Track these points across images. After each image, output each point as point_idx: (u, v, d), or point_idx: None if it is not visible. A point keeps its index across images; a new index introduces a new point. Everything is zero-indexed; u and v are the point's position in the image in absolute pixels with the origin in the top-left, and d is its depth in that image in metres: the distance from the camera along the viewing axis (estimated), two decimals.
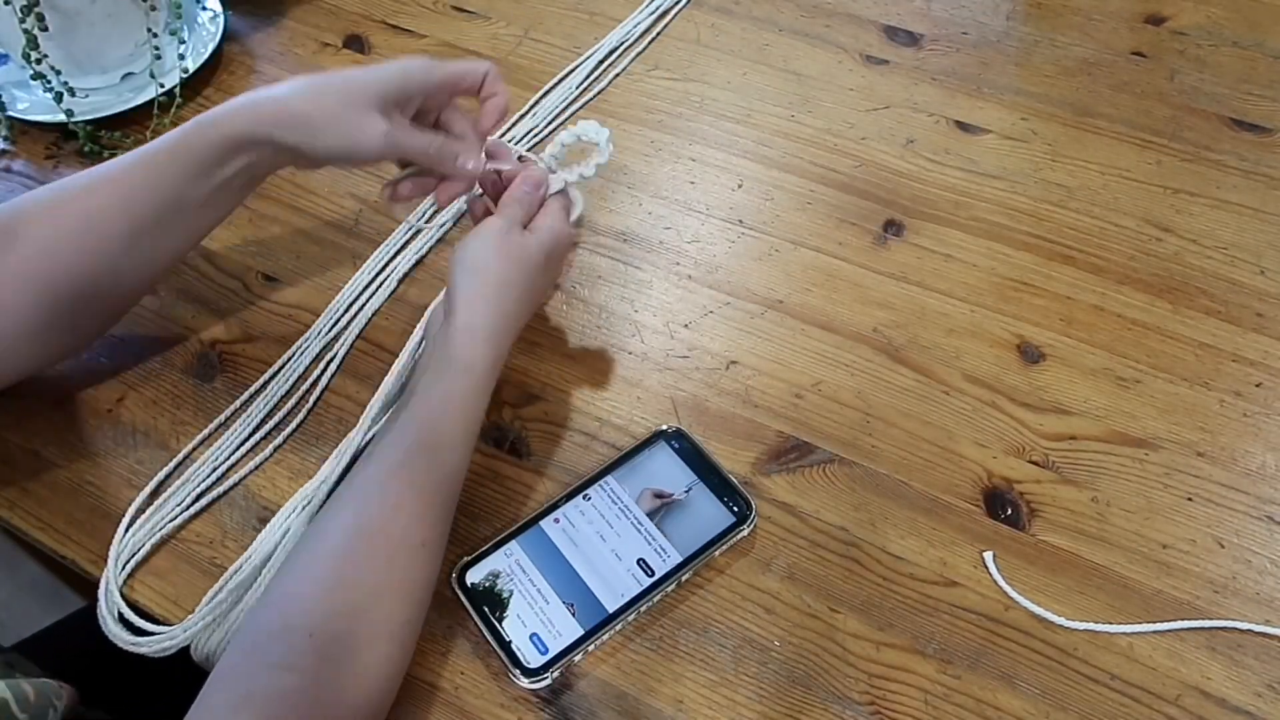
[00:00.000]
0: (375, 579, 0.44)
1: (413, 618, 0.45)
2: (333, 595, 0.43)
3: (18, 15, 0.67)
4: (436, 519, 0.47)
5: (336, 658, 0.41)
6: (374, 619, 0.43)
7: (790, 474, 0.56)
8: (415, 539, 0.45)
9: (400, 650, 0.44)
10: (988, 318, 0.63)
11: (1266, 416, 0.58)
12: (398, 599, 0.44)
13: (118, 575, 0.51)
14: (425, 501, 0.46)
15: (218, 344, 0.62)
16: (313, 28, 0.84)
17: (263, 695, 0.40)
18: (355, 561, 0.44)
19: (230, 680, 0.41)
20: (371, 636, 0.43)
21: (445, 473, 0.48)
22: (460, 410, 0.48)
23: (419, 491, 0.46)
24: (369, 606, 0.43)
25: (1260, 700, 0.48)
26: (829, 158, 0.73)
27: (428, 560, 0.46)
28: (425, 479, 0.47)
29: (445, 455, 0.48)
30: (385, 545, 0.45)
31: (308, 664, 0.41)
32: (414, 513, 0.46)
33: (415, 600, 0.45)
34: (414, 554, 0.45)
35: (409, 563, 0.45)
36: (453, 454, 0.48)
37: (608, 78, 0.78)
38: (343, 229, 0.68)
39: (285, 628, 0.42)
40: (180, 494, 0.54)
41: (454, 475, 0.48)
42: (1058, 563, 0.52)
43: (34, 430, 0.57)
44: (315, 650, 0.41)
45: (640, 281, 0.65)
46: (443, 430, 0.48)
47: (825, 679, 0.48)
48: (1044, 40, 0.82)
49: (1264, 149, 0.72)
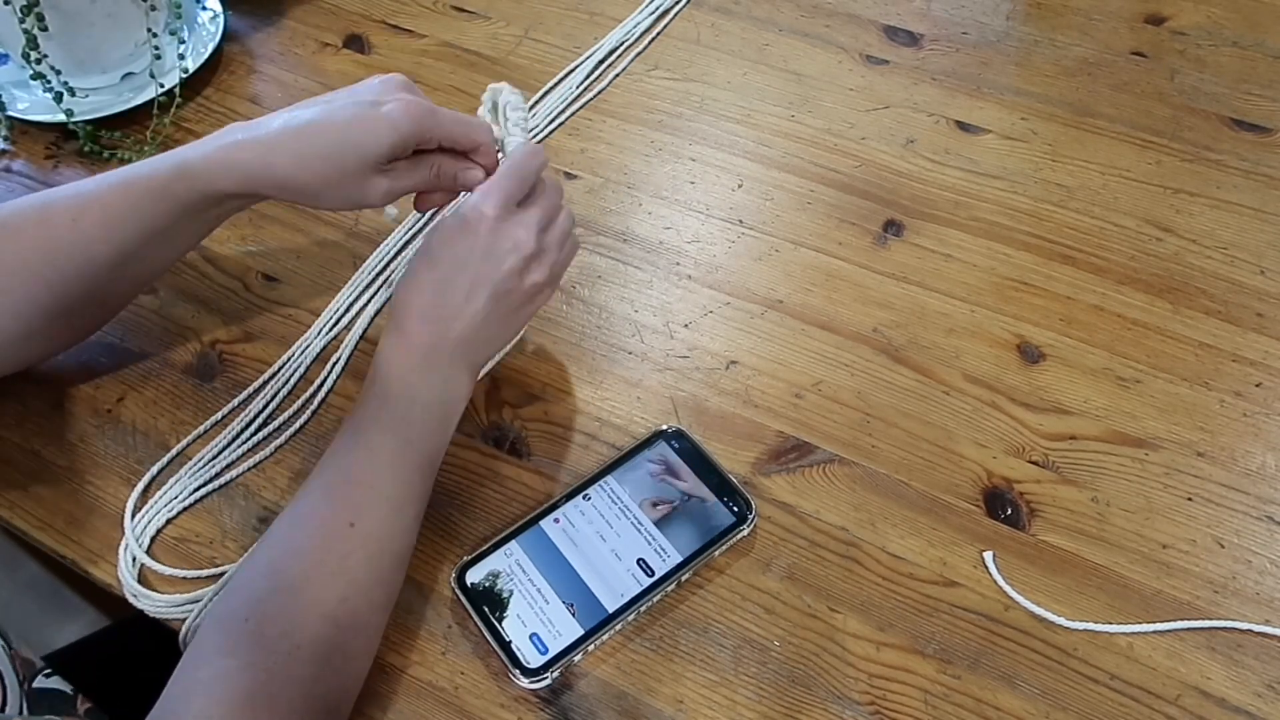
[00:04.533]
0: (304, 561, 0.45)
1: (348, 596, 0.45)
2: (267, 580, 0.44)
3: (18, 15, 0.67)
4: (371, 502, 0.47)
5: (270, 641, 0.42)
6: (304, 598, 0.44)
7: (790, 474, 0.56)
8: (343, 519, 0.46)
9: (336, 630, 0.44)
10: (988, 318, 0.63)
11: (1266, 416, 0.58)
12: (330, 578, 0.44)
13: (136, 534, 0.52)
14: (359, 485, 0.47)
15: (218, 344, 0.62)
16: (313, 28, 0.84)
17: (207, 682, 0.41)
18: (286, 547, 0.46)
19: (183, 670, 0.42)
20: (302, 614, 0.43)
21: (385, 459, 0.48)
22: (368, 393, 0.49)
23: (340, 474, 0.47)
24: (299, 587, 0.44)
25: (1260, 700, 0.48)
26: (829, 158, 0.73)
27: (362, 542, 0.46)
28: (358, 461, 0.47)
29: (364, 440, 0.48)
30: (315, 527, 0.46)
31: (244, 648, 0.42)
32: (342, 496, 0.47)
33: (351, 580, 0.45)
34: (342, 534, 0.45)
35: (339, 542, 0.45)
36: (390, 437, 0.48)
37: (608, 78, 0.78)
38: (343, 229, 0.68)
39: (226, 614, 0.44)
40: (178, 489, 0.54)
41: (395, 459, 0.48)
42: (1058, 563, 0.52)
43: (34, 430, 0.57)
44: (250, 634, 0.42)
45: (640, 281, 0.65)
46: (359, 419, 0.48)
47: (825, 679, 0.48)
48: (1044, 40, 0.82)
49: (1264, 149, 0.72)
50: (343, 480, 0.47)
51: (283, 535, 0.46)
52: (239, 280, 0.65)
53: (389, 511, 0.48)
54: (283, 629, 0.43)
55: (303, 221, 0.69)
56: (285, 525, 0.47)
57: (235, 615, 0.43)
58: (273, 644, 0.42)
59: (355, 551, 0.45)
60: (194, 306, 0.64)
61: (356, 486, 0.47)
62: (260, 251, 0.67)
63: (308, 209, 0.69)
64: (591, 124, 0.72)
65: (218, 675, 0.41)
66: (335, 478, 0.47)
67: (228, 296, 0.64)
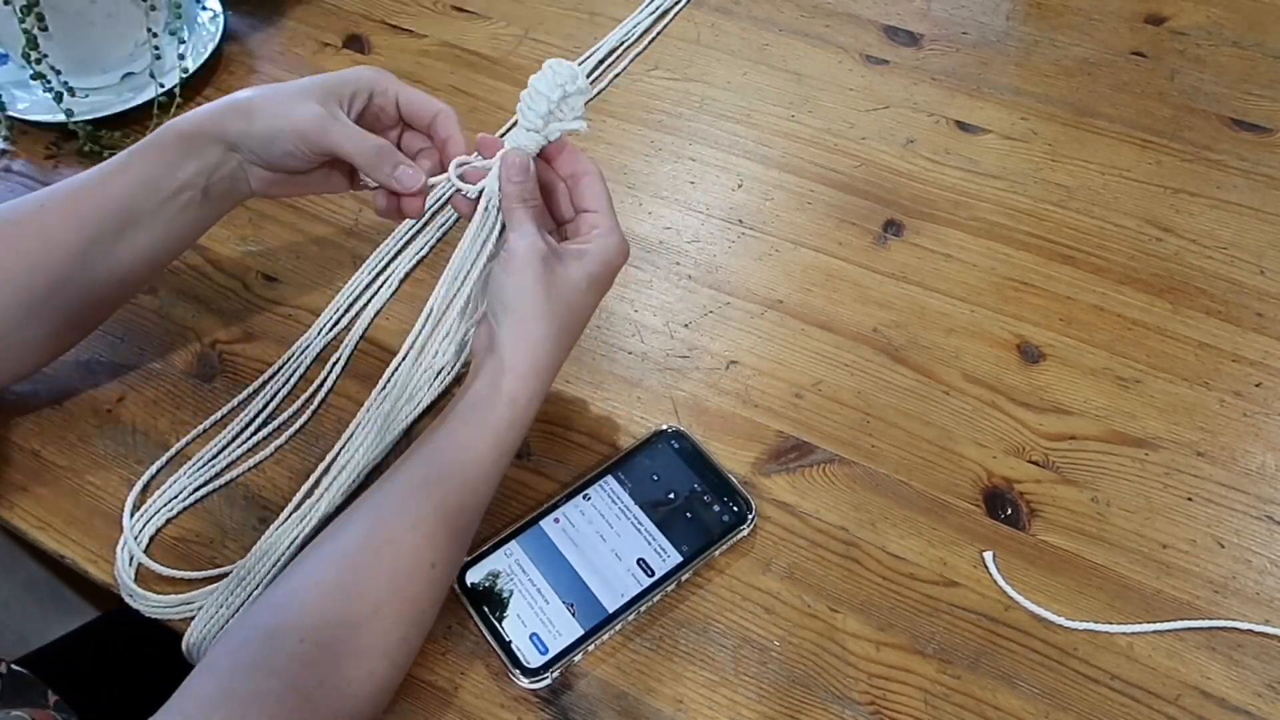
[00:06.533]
0: (378, 593, 0.43)
1: (409, 637, 0.44)
2: (330, 603, 0.42)
3: (18, 15, 0.67)
4: (451, 543, 0.45)
5: (322, 667, 0.40)
6: (369, 633, 0.42)
7: (790, 474, 0.56)
8: (426, 559, 0.44)
9: (390, 668, 0.43)
10: (988, 318, 0.63)
11: (1266, 416, 0.58)
12: (398, 617, 0.43)
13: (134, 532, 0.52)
14: (445, 525, 0.45)
15: (218, 344, 0.62)
16: (313, 28, 0.84)
17: (241, 696, 0.39)
18: (360, 572, 0.43)
19: (213, 676, 0.40)
20: (363, 651, 0.42)
21: (469, 500, 0.46)
22: (495, 442, 0.47)
23: (440, 513, 0.45)
24: (366, 620, 0.42)
25: (1260, 700, 0.48)
26: (829, 158, 0.73)
27: (435, 582, 0.45)
28: (447, 502, 0.45)
29: (472, 483, 0.46)
30: (394, 560, 0.44)
31: (291, 670, 0.40)
32: (429, 533, 0.44)
33: (415, 620, 0.44)
34: (422, 574, 0.44)
35: (415, 581, 0.44)
36: (481, 483, 0.47)
37: (608, 78, 0.78)
38: (343, 229, 0.68)
39: (276, 629, 0.41)
40: (177, 489, 0.54)
41: (477, 504, 0.47)
42: (1058, 563, 0.52)
43: (34, 430, 0.57)
44: (301, 657, 0.40)
45: (640, 281, 0.65)
46: (473, 459, 0.46)
47: (825, 679, 0.48)
48: (1044, 40, 0.82)
49: (1264, 149, 0.72)
50: (437, 518, 0.45)
51: (353, 557, 0.44)
52: (239, 280, 0.65)
53: (461, 551, 0.47)
54: (337, 663, 0.41)
55: (303, 221, 0.69)
56: (354, 544, 0.44)
57: (288, 632, 0.41)
58: (324, 674, 0.40)
59: (427, 593, 0.44)
60: (194, 306, 0.64)
61: (452, 530, 0.45)
62: (260, 251, 0.67)
63: (308, 210, 0.69)
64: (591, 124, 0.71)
65: (258, 694, 0.39)
66: (430, 512, 0.45)
67: (228, 296, 0.64)
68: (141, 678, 0.46)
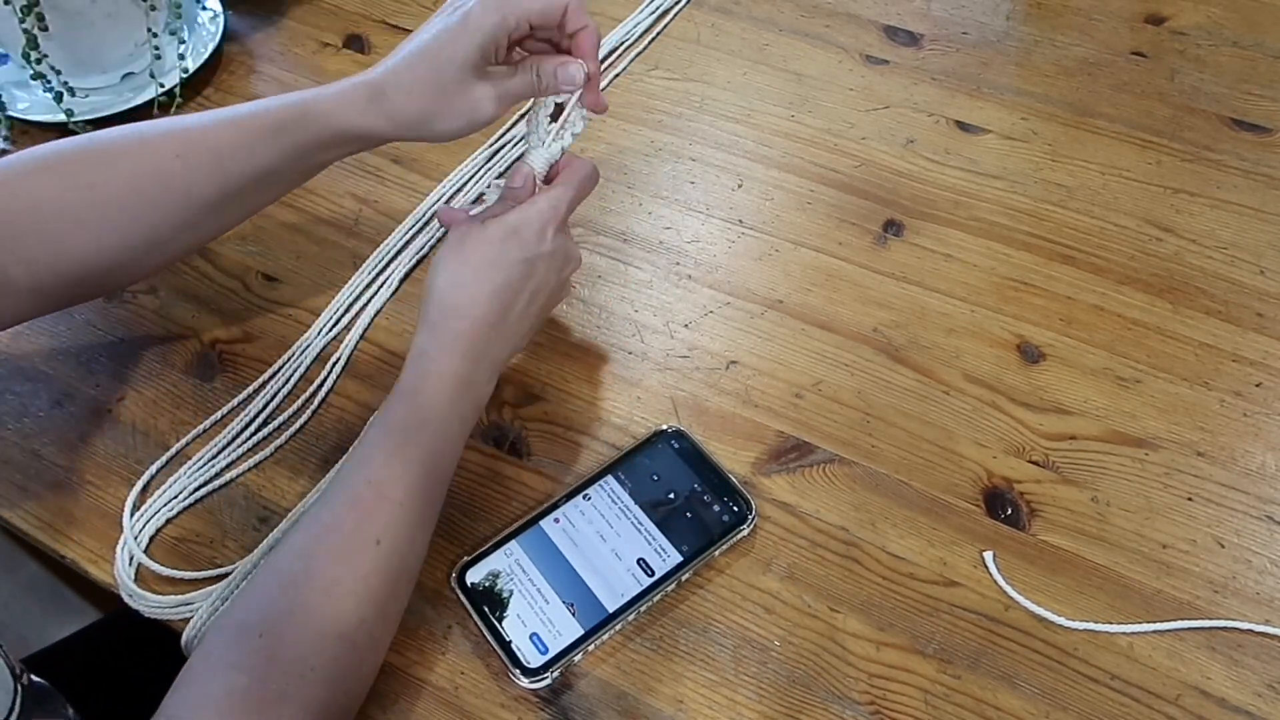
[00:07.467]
0: (325, 575, 0.43)
1: (368, 618, 0.43)
2: (286, 591, 0.43)
3: (18, 15, 0.67)
4: (400, 520, 0.45)
5: (283, 658, 0.41)
6: (321, 617, 0.42)
7: (790, 474, 0.56)
8: (369, 536, 0.44)
9: (352, 651, 0.43)
10: (988, 318, 0.63)
11: (1266, 416, 0.58)
12: (351, 596, 0.43)
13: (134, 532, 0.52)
14: (384, 500, 0.45)
15: (218, 344, 0.62)
16: (313, 27, 0.84)
17: (217, 697, 0.40)
18: (309, 559, 0.44)
19: (190, 682, 0.41)
20: (318, 635, 0.42)
21: (417, 473, 0.46)
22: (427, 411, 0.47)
23: (374, 490, 0.45)
24: (317, 603, 0.42)
25: (1260, 700, 0.48)
26: (829, 158, 0.73)
27: (385, 561, 0.44)
28: (390, 476, 0.46)
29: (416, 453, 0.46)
30: (338, 542, 0.44)
31: (255, 664, 0.40)
32: (369, 510, 0.45)
33: (371, 601, 0.44)
34: (367, 552, 0.44)
35: (362, 560, 0.44)
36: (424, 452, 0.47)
37: (608, 78, 0.78)
38: (343, 229, 0.68)
39: (239, 627, 0.42)
40: (177, 489, 0.54)
41: (426, 477, 0.47)
42: (1058, 563, 0.52)
43: (34, 430, 0.57)
44: (262, 650, 0.41)
45: (640, 281, 0.65)
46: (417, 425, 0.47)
47: (825, 679, 0.48)
48: (1044, 40, 0.82)
49: (1264, 149, 0.72)
50: (372, 494, 0.45)
51: (302, 545, 0.44)
52: (239, 280, 0.65)
53: (413, 528, 0.46)
54: (297, 650, 0.41)
55: (303, 221, 0.69)
56: (305, 533, 0.45)
57: (249, 628, 0.42)
58: (286, 664, 0.41)
59: (377, 571, 0.44)
60: (194, 306, 0.64)
61: (384, 501, 0.45)
62: (260, 251, 0.67)
63: (308, 210, 0.69)
64: (591, 124, 0.71)
65: (228, 691, 0.40)
66: (363, 489, 0.45)
67: (228, 296, 0.64)
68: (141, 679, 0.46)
